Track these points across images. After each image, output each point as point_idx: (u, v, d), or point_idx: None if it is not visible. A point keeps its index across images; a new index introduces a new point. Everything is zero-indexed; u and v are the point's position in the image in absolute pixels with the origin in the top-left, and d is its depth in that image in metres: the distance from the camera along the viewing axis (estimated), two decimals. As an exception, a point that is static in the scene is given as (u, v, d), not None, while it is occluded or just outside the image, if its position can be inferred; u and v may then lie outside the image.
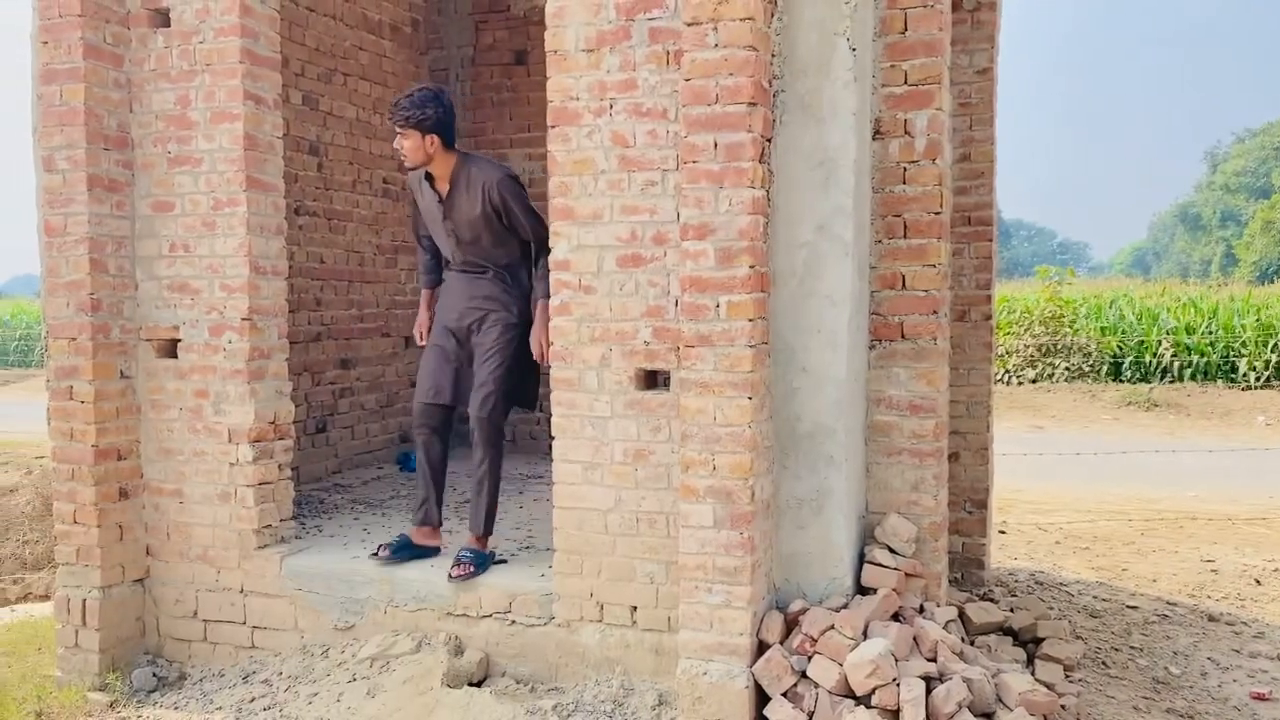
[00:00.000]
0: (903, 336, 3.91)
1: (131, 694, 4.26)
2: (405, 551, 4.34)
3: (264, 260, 4.39)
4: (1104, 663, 4.53)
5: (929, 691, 3.36)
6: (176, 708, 4.14)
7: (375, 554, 4.33)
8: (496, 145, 7.17)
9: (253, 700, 4.07)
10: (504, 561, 4.40)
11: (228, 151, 4.27)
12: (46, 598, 5.94)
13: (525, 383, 4.47)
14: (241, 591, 4.38)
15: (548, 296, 4.15)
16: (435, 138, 4.18)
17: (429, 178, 4.34)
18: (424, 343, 4.53)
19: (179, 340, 4.39)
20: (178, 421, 4.40)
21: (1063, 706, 3.72)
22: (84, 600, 4.34)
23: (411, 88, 4.24)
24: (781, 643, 3.59)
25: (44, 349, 4.42)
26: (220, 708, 4.08)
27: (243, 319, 4.31)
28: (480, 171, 4.27)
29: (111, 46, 4.34)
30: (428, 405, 4.40)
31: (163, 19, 4.35)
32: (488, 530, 4.32)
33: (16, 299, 38.82)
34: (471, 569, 4.10)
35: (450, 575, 4.09)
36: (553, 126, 3.85)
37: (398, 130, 4.20)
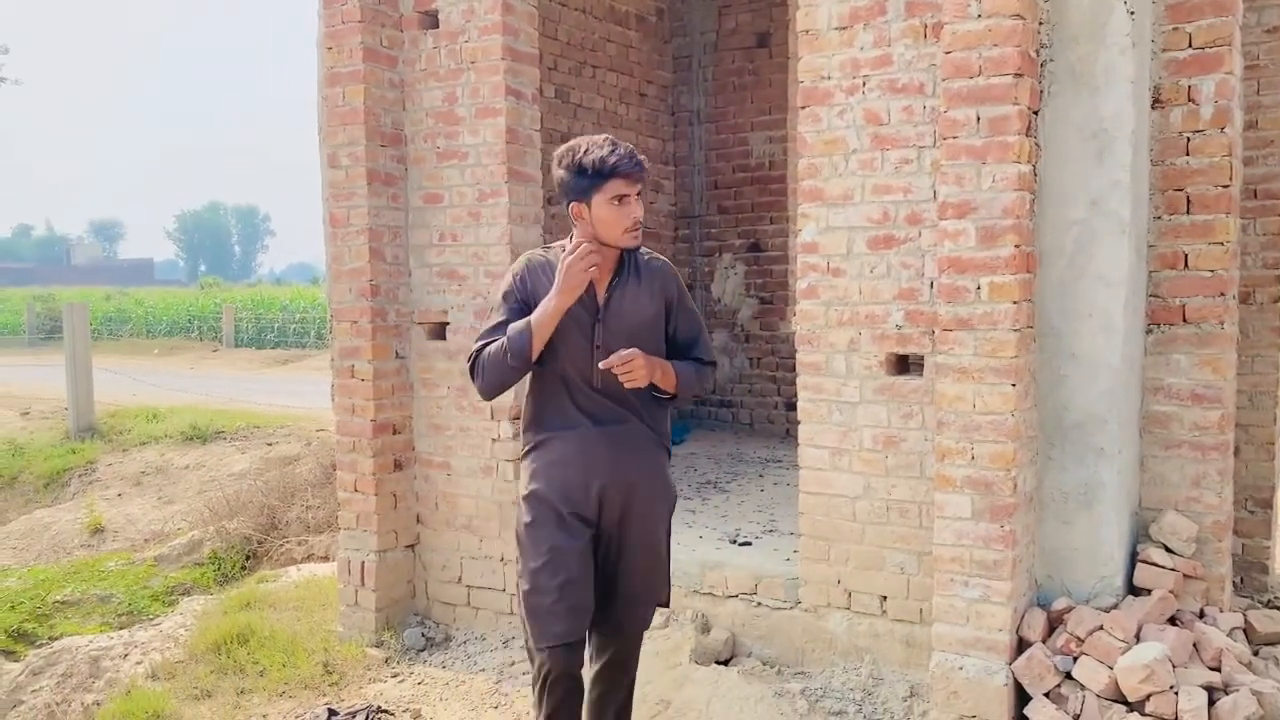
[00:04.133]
0: (1184, 320, 3.62)
1: (403, 651, 4.60)
2: None
3: (524, 248, 4.58)
4: None
5: (1211, 703, 3.12)
6: (444, 666, 4.43)
7: None
8: (737, 129, 7.18)
9: (512, 664, 4.30)
10: (749, 544, 4.44)
11: (491, 145, 4.49)
12: (326, 558, 6.50)
13: None
14: (502, 560, 4.62)
15: (681, 373, 2.92)
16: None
17: None
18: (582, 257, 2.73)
19: (447, 323, 4.68)
20: (445, 399, 4.69)
21: (1371, 731, 3.35)
22: (363, 562, 4.72)
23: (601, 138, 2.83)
24: (1044, 641, 3.43)
25: (329, 331, 4.82)
26: (483, 670, 4.33)
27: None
28: (651, 257, 2.99)
29: (387, 49, 4.66)
30: (570, 648, 2.87)
31: (432, 20, 4.62)
32: None
33: (293, 285, 42.72)
34: None
35: None
36: (803, 107, 3.81)
37: (636, 182, 2.79)
